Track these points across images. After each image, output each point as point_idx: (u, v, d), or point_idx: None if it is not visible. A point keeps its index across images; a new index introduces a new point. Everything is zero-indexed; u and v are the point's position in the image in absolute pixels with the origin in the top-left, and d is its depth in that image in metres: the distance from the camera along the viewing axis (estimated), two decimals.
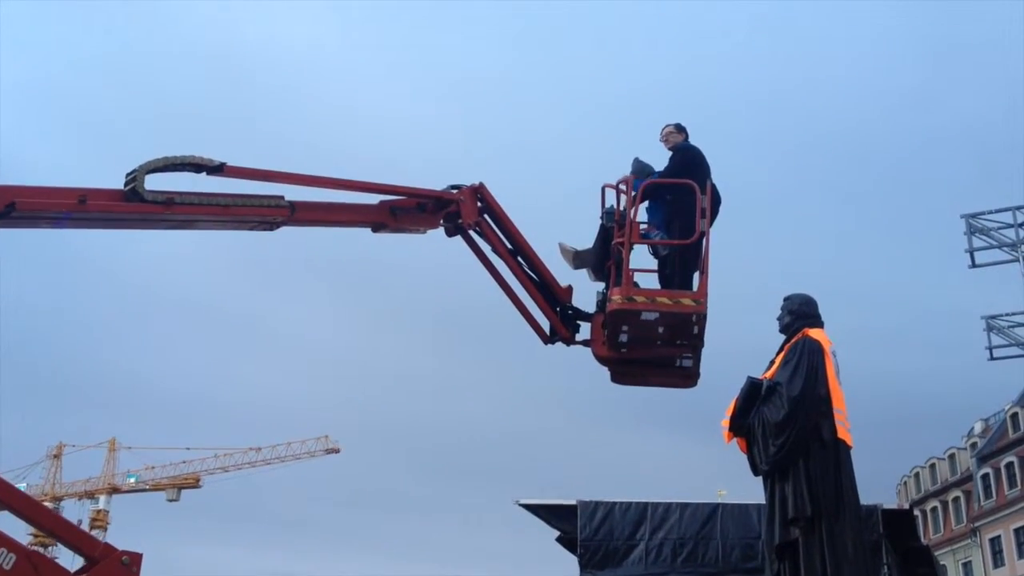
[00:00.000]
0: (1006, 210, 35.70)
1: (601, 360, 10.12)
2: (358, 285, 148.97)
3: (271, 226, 9.53)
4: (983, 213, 35.96)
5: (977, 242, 35.68)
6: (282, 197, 9.36)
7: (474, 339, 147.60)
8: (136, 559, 7.64)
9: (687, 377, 10.33)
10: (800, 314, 8.33)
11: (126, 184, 8.53)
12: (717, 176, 10.06)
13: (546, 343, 10.32)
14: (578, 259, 10.51)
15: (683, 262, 9.81)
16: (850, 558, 7.42)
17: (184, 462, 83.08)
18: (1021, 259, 34.95)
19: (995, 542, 52.69)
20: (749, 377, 8.16)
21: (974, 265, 35.78)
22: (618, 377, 10.39)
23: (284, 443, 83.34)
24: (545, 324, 10.34)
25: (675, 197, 9.97)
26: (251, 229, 9.59)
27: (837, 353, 8.17)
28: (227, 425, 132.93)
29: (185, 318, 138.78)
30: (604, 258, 10.09)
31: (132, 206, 8.55)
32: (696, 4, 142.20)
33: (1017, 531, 51.25)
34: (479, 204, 10.37)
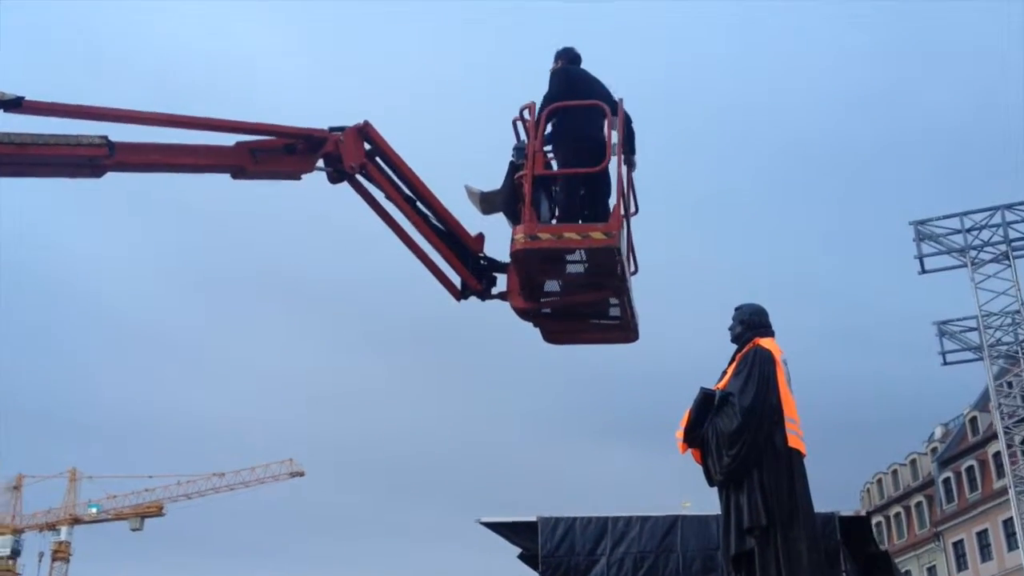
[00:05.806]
0: (954, 216, 36.06)
1: (521, 313, 8.90)
2: (308, 304, 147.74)
3: (93, 171, 8.21)
4: (931, 219, 36.36)
5: (926, 248, 36.01)
6: (104, 137, 8.08)
7: (430, 354, 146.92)
8: None
9: (625, 330, 9.21)
10: (751, 324, 8.38)
11: None
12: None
13: (458, 299, 9.15)
14: (486, 202, 9.36)
15: (591, 194, 8.64)
16: (805, 566, 7.47)
17: (147, 490, 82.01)
18: (969, 264, 35.40)
19: (958, 546, 53.23)
20: (702, 388, 8.21)
21: (924, 271, 36.17)
22: (550, 336, 9.32)
23: (248, 468, 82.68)
24: (456, 279, 9.14)
25: (566, 127, 8.76)
26: (67, 175, 8.40)
27: (788, 362, 8.24)
28: (190, 452, 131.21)
29: (140, 344, 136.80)
30: (517, 200, 8.75)
31: None
32: (675, 10, 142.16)
33: (979, 534, 51.81)
34: (367, 146, 9.07)
